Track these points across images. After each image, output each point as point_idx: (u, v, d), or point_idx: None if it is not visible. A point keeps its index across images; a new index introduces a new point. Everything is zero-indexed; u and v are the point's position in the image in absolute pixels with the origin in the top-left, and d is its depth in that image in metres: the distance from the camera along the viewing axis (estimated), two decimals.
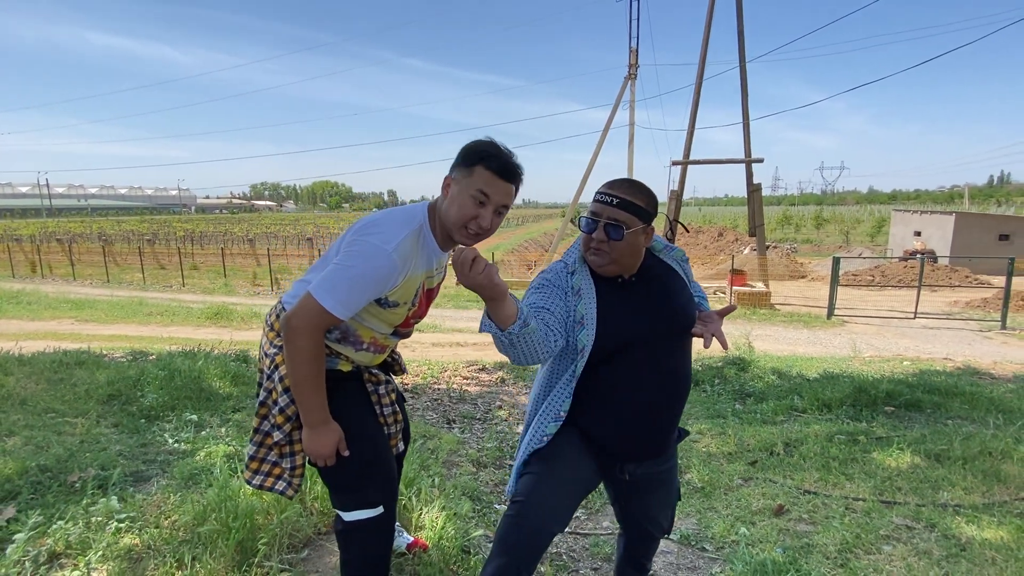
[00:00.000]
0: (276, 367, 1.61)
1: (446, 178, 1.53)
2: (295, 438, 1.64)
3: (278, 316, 1.65)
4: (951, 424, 3.93)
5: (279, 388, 1.60)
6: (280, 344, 1.62)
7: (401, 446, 1.87)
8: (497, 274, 1.29)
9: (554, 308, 1.50)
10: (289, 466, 1.65)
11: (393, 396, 1.78)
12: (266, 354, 1.66)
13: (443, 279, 1.78)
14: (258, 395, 1.66)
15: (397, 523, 2.18)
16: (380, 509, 1.62)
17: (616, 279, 1.58)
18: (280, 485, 1.66)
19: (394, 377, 1.92)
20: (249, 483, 1.68)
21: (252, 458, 1.67)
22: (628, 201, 1.47)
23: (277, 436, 1.62)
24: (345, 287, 1.43)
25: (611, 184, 1.52)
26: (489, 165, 1.47)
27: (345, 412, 1.63)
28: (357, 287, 1.44)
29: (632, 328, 1.54)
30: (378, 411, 1.75)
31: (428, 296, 1.73)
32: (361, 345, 1.67)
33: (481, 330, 1.37)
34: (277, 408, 1.60)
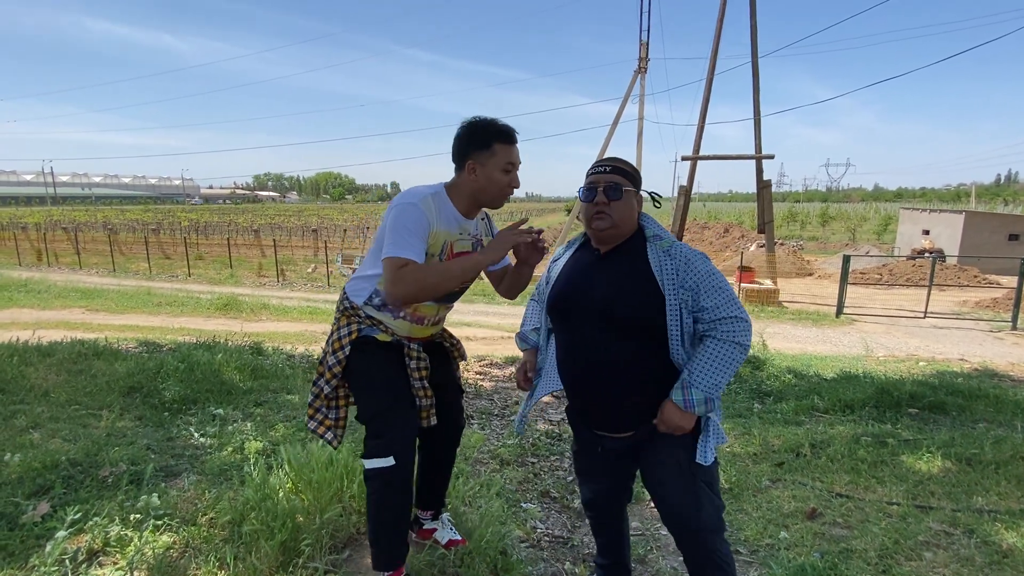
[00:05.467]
0: (332, 332, 1.89)
1: (469, 163, 1.75)
2: (340, 394, 1.92)
3: (343, 300, 1.91)
4: (980, 427, 3.90)
5: (330, 350, 1.86)
6: (337, 316, 1.92)
7: (434, 420, 1.95)
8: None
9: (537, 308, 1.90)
10: (334, 417, 1.93)
11: (424, 372, 1.90)
12: (334, 321, 1.94)
13: (473, 247, 1.91)
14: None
15: (447, 514, 2.19)
16: (391, 460, 1.72)
17: (595, 252, 1.71)
18: (328, 435, 1.92)
19: (459, 363, 2.15)
20: (307, 426, 1.96)
21: (310, 405, 1.94)
22: (618, 167, 1.67)
23: (326, 389, 1.87)
24: (404, 236, 1.68)
25: (598, 161, 1.70)
26: (502, 139, 1.74)
27: (373, 366, 1.84)
28: (411, 232, 1.69)
29: (569, 296, 1.70)
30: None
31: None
32: (399, 312, 1.84)
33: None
34: (326, 366, 1.86)
